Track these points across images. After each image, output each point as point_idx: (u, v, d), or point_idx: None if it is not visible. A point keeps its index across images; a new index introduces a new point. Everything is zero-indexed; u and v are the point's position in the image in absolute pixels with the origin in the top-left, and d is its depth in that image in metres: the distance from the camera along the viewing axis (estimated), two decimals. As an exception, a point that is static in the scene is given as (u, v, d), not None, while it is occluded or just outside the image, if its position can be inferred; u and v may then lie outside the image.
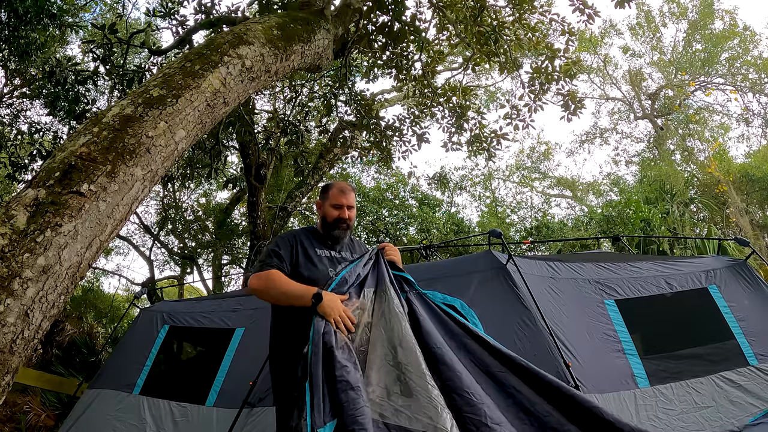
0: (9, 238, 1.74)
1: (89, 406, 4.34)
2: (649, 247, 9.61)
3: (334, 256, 2.46)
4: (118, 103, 2.39)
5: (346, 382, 1.82)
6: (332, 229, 2.47)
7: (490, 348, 2.13)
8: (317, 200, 2.61)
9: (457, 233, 12.35)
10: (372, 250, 2.43)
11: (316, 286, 2.17)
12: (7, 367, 1.66)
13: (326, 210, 2.50)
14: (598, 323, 3.43)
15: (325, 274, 2.33)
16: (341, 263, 2.40)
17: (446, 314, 2.28)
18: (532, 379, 2.01)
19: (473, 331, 2.20)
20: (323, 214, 2.51)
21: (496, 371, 2.06)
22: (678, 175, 13.95)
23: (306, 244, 2.42)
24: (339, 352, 1.91)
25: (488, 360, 2.09)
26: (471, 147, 7.33)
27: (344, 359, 1.90)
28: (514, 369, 2.05)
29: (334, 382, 1.83)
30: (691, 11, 16.79)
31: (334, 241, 2.50)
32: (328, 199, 2.51)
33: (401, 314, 2.09)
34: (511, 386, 2.01)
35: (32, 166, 7.27)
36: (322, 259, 2.40)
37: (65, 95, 6.35)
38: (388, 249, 2.43)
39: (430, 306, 2.30)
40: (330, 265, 2.39)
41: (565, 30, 6.36)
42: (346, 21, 4.57)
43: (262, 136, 8.50)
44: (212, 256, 14.32)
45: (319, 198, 2.59)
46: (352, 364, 1.90)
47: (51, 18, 6.78)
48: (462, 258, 4.13)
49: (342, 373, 1.84)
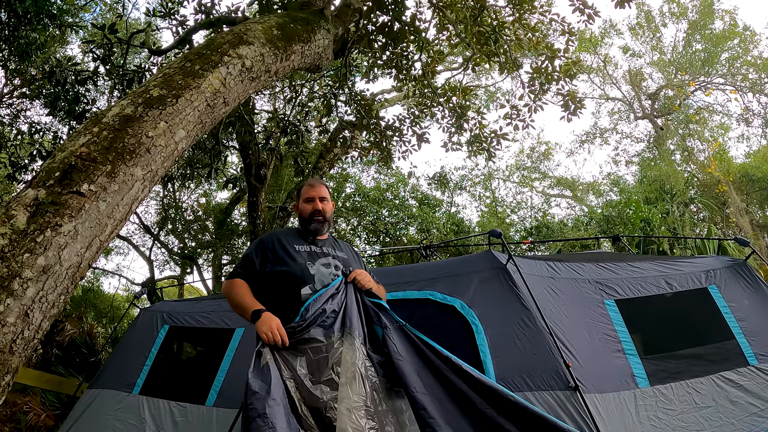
0: (9, 238, 1.74)
1: (89, 406, 4.34)
2: (649, 247, 9.62)
3: (314, 250, 2.48)
4: (118, 103, 2.39)
5: (254, 409, 1.83)
6: (309, 224, 2.54)
7: (474, 382, 2.06)
8: (293, 204, 2.70)
9: (457, 233, 12.35)
10: (339, 280, 2.31)
11: (292, 280, 2.27)
12: (7, 367, 1.66)
13: (301, 207, 2.60)
14: (598, 323, 3.43)
15: (303, 267, 2.35)
16: (321, 257, 2.43)
17: (429, 347, 2.18)
18: (521, 415, 1.95)
19: (457, 365, 2.11)
20: (299, 212, 2.61)
21: (482, 408, 2.01)
22: (678, 175, 13.95)
23: (284, 241, 2.47)
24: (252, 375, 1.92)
25: (473, 396, 2.04)
26: (471, 147, 7.33)
27: (257, 386, 1.89)
28: (499, 404, 2.00)
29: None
30: (691, 11, 16.79)
31: (313, 235, 2.55)
32: (301, 196, 2.63)
33: (362, 376, 2.01)
34: (498, 424, 1.96)
35: (32, 166, 7.27)
36: (301, 253, 2.42)
37: (65, 95, 6.35)
38: (359, 278, 2.35)
39: (410, 342, 2.20)
40: (309, 259, 2.41)
41: (565, 30, 6.36)
42: (346, 21, 4.57)
43: (262, 136, 8.50)
44: (212, 256, 14.32)
45: (294, 201, 2.69)
46: (264, 391, 1.87)
47: (51, 18, 6.78)
48: (462, 258, 4.12)
49: (251, 401, 1.85)
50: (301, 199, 2.61)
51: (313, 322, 2.12)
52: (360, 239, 13.41)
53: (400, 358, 2.10)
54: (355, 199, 13.18)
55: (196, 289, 17.51)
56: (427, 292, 3.50)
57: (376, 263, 12.76)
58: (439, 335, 3.29)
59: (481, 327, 3.20)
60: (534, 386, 2.91)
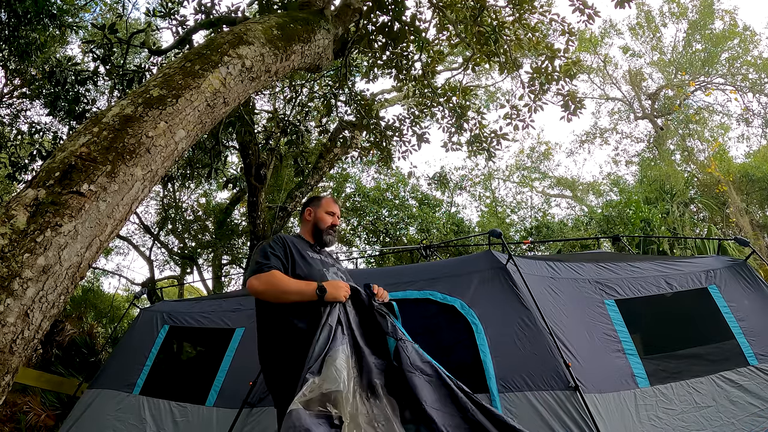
0: (9, 238, 1.74)
1: (89, 406, 4.34)
2: (649, 247, 9.62)
3: (324, 259, 2.55)
4: (118, 103, 2.39)
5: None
6: (324, 234, 2.61)
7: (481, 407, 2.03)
8: (307, 208, 2.71)
9: (457, 233, 12.36)
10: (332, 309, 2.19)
11: None
12: (7, 367, 1.66)
13: (320, 215, 2.65)
14: (598, 323, 3.43)
15: (321, 273, 2.39)
16: (330, 267, 2.50)
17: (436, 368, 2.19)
18: None
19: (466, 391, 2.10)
20: (316, 219, 2.65)
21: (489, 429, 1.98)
22: (678, 175, 13.95)
23: (298, 246, 2.49)
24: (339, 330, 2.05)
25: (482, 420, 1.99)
26: (471, 147, 7.33)
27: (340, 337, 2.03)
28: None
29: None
30: (691, 11, 16.79)
31: (321, 245, 2.62)
32: (322, 207, 2.67)
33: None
34: None
35: (32, 166, 7.27)
36: (315, 261, 2.47)
37: (65, 95, 6.36)
38: (380, 292, 2.36)
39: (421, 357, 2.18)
40: (322, 266, 2.46)
41: (565, 30, 6.36)
42: (346, 21, 4.57)
43: (262, 136, 8.50)
44: (212, 256, 14.33)
45: (309, 206, 2.71)
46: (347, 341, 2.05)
47: (51, 18, 6.78)
48: (462, 258, 4.12)
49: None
50: (322, 209, 2.66)
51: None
52: (360, 239, 13.42)
53: (413, 371, 2.09)
54: (355, 199, 13.18)
55: (196, 289, 17.52)
56: (427, 292, 3.50)
57: (376, 263, 12.77)
58: (439, 335, 3.31)
59: (481, 327, 3.21)
60: (534, 386, 2.92)
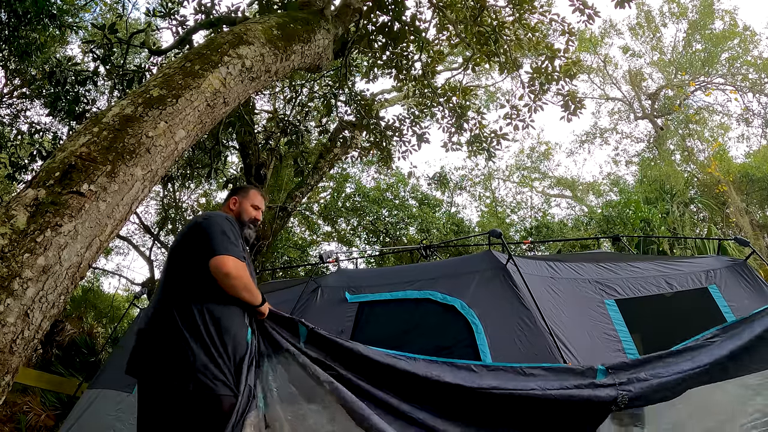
0: (9, 238, 1.74)
1: (89, 406, 4.34)
2: (649, 247, 9.62)
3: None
4: (118, 103, 2.39)
5: None
6: (245, 227, 2.49)
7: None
8: (233, 197, 2.56)
9: (457, 233, 12.35)
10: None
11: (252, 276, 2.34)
12: (7, 367, 1.66)
13: (245, 207, 2.52)
14: (598, 323, 3.43)
15: (249, 267, 2.31)
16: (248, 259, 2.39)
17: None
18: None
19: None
20: (240, 210, 2.51)
21: None
22: (678, 175, 13.95)
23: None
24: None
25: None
26: (471, 147, 7.33)
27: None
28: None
29: None
30: (691, 11, 16.80)
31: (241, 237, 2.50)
32: (248, 198, 2.55)
33: None
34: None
35: (32, 166, 7.27)
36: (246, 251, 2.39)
37: (65, 95, 6.36)
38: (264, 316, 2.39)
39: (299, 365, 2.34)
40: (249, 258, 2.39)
41: (565, 30, 6.36)
42: (346, 21, 4.57)
43: (262, 136, 8.51)
44: (212, 256, 14.27)
45: (236, 196, 2.56)
46: None
47: (51, 18, 6.78)
48: (462, 258, 4.12)
49: None
50: (248, 200, 2.53)
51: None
52: (360, 239, 13.41)
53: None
54: (355, 199, 13.17)
55: (196, 289, 17.47)
56: (427, 292, 3.50)
57: (376, 263, 12.77)
58: (439, 335, 3.31)
59: (481, 327, 3.20)
60: (534, 386, 2.91)
